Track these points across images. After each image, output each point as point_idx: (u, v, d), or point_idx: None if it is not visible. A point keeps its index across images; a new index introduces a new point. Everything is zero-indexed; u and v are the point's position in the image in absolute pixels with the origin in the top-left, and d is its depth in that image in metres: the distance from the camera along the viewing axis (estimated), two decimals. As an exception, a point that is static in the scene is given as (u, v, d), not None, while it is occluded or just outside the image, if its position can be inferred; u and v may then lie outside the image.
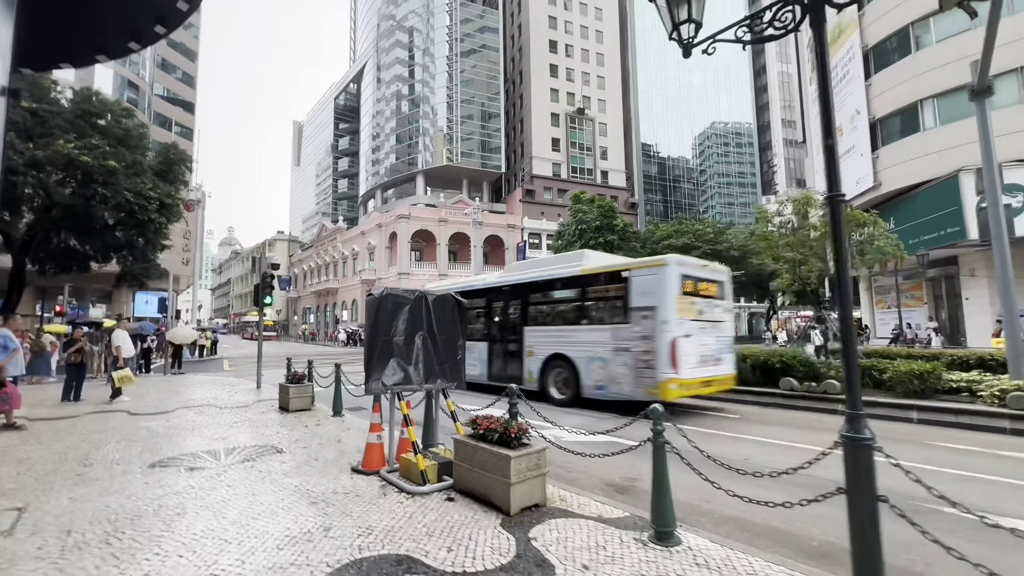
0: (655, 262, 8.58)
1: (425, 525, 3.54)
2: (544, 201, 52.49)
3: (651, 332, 8.13)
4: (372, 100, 68.60)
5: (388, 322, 5.01)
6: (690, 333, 8.23)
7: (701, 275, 8.91)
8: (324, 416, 8.00)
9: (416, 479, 4.49)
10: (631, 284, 8.65)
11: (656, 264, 8.50)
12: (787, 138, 71.52)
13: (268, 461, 5.28)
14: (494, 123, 58.68)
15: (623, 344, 8.56)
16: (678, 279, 8.31)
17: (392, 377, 4.92)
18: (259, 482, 4.55)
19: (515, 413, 4.52)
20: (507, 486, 3.75)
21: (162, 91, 47.55)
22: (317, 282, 59.50)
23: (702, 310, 8.66)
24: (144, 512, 3.78)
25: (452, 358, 5.44)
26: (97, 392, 10.68)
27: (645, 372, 8.14)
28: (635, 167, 62.09)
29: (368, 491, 4.31)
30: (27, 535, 3.37)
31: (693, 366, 8.19)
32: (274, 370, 15.47)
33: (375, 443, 4.96)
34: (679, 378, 7.88)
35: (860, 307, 27.56)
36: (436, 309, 5.38)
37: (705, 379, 8.44)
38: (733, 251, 36.78)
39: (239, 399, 9.99)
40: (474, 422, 4.33)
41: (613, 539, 3.31)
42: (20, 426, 6.96)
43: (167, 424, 7.41)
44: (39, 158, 17.04)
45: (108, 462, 5.26)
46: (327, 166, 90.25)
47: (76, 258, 21.04)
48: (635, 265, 8.90)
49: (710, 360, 8.62)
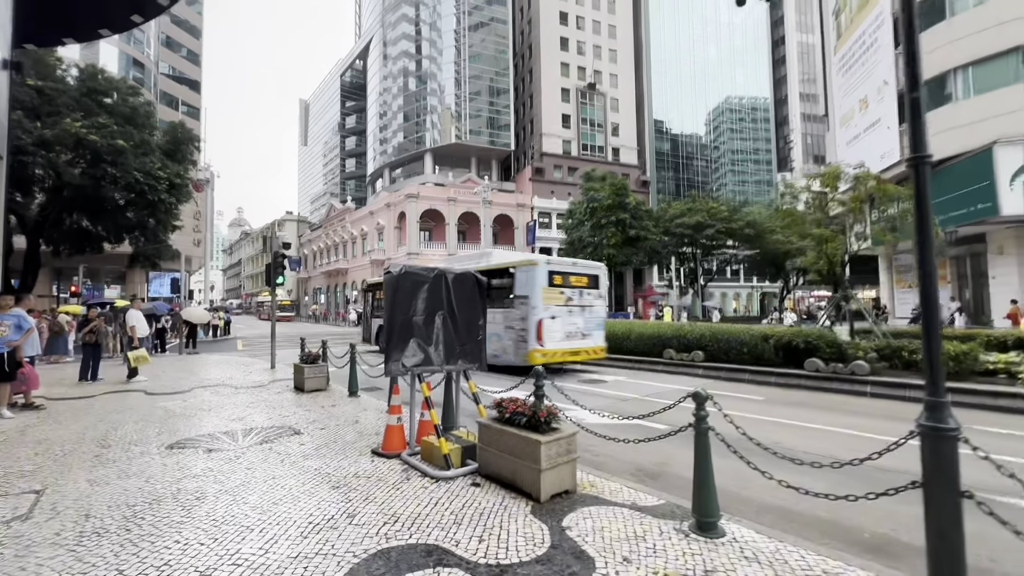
0: (530, 261, 10.86)
1: (452, 512, 3.39)
2: (554, 180, 51.63)
3: (526, 314, 10.44)
4: (379, 77, 67.39)
5: (407, 301, 4.81)
6: (556, 315, 10.56)
7: (569, 271, 11.22)
8: (340, 396, 7.92)
9: (439, 463, 4.35)
10: (516, 278, 10.88)
11: (530, 263, 10.81)
12: (805, 113, 69.34)
13: (286, 443, 5.17)
14: (503, 99, 57.44)
15: (510, 323, 10.85)
16: (546, 275, 10.61)
17: (412, 358, 4.75)
18: (278, 465, 4.44)
19: (541, 396, 4.33)
20: (537, 472, 3.58)
21: (167, 70, 46.97)
22: (327, 263, 59.61)
23: (570, 297, 10.93)
24: (163, 496, 3.68)
25: (473, 338, 5.25)
26: (114, 372, 10.72)
27: (521, 344, 10.47)
28: (647, 144, 60.71)
29: (390, 475, 4.18)
30: (45, 519, 3.27)
31: (558, 340, 10.55)
32: (287, 350, 15.50)
33: (395, 425, 4.82)
34: (543, 349, 10.24)
35: (879, 286, 26.98)
36: (456, 288, 5.16)
37: (572, 350, 10.79)
38: (748, 229, 36.01)
39: (254, 379, 9.96)
40: (499, 405, 4.15)
41: (652, 529, 3.13)
42: (39, 406, 6.95)
43: (184, 404, 7.37)
44: (47, 137, 16.90)
45: (126, 443, 5.19)
46: (334, 145, 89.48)
47: (89, 239, 21.09)
48: (519, 263, 11.12)
49: (576, 336, 10.93)
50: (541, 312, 10.36)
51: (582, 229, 35.24)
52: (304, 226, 76.58)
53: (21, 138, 16.40)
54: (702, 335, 10.81)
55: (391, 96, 62.95)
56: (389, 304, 4.76)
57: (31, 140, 16.58)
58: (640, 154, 58.82)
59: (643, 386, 9.29)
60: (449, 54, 56.31)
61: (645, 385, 9.40)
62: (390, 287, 4.75)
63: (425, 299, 4.93)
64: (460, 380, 5.42)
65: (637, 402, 7.83)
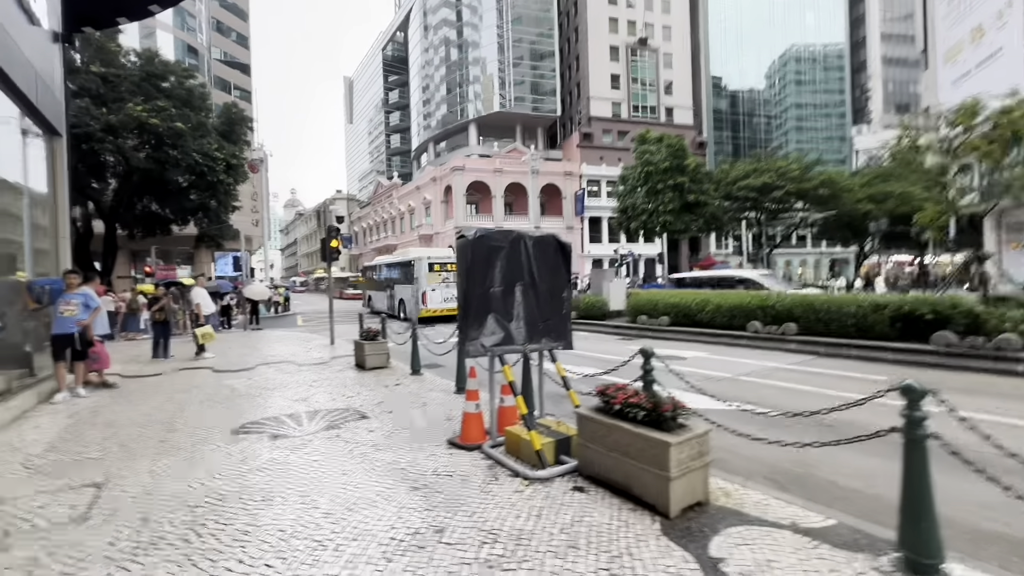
0: (418, 257, 17.94)
1: (561, 528, 2.73)
2: (603, 145, 49.24)
3: (419, 289, 17.42)
4: (420, 49, 66.33)
5: (483, 271, 4.11)
6: (436, 287, 17.42)
7: (444, 261, 17.73)
8: (403, 375, 7.50)
9: (529, 459, 3.70)
10: (413, 266, 18.00)
11: (418, 258, 17.89)
12: (887, 56, 61.82)
13: (354, 429, 4.72)
14: (547, 63, 54.97)
15: (414, 292, 17.81)
16: (427, 265, 17.51)
17: (491, 337, 4.07)
18: (348, 457, 3.95)
19: (652, 381, 3.55)
20: (665, 481, 2.83)
21: (220, 55, 48.10)
22: (376, 239, 60.70)
23: (445, 277, 17.48)
24: (227, 495, 3.25)
25: (557, 312, 4.50)
26: (184, 348, 10.92)
27: (418, 304, 17.35)
28: (703, 102, 56.53)
29: (475, 473, 3.57)
30: (101, 522, 2.90)
31: (437, 303, 17.31)
32: (344, 325, 15.52)
33: (473, 413, 4.21)
34: (427, 308, 17.06)
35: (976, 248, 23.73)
36: (537, 253, 4.40)
37: (446, 310, 16.88)
38: (823, 189, 32.75)
39: (315, 355, 9.80)
40: (604, 393, 3.41)
41: (842, 569, 2.31)
42: (112, 384, 6.96)
43: (248, 383, 7.19)
44: (113, 122, 17.39)
45: (191, 426, 4.92)
46: (379, 122, 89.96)
47: (158, 221, 22.03)
48: (414, 258, 18.19)
49: (452, 299, 16.52)
50: (425, 286, 17.46)
51: (635, 195, 33.37)
52: (354, 204, 78.27)
53: (90, 124, 16.95)
54: (794, 305, 9.55)
55: (433, 67, 61.87)
56: (463, 275, 4.09)
57: (99, 126, 17.11)
58: (696, 113, 54.92)
59: (731, 363, 8.29)
60: (491, 18, 54.21)
61: (733, 362, 8.39)
62: (464, 255, 4.06)
63: (503, 267, 4.21)
64: (539, 360, 4.72)
65: (731, 382, 6.89)
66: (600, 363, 8.27)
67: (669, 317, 12.20)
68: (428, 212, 47.62)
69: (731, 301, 10.84)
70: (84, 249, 20.59)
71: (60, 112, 7.43)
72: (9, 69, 5.31)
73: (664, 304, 12.47)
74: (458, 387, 6.28)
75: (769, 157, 36.97)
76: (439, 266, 17.58)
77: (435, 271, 17.50)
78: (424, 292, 17.20)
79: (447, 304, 17.02)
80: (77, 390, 6.35)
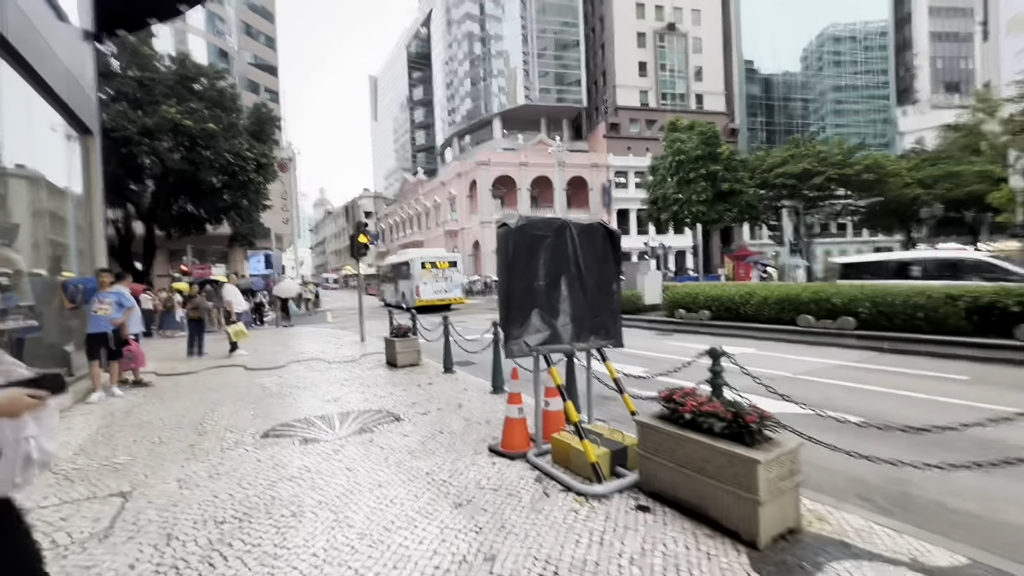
0: (413, 257, 21.27)
1: (631, 558, 2.34)
2: (630, 135, 48.06)
3: (413, 283, 20.50)
4: (443, 44, 66.20)
5: (525, 262, 3.73)
6: (427, 282, 20.49)
7: (435, 260, 21.16)
8: (435, 373, 7.22)
9: (581, 470, 3.32)
10: (409, 265, 21.10)
11: (412, 258, 21.18)
12: (936, 31, 58.06)
13: (387, 433, 4.44)
14: (572, 53, 53.94)
15: (410, 286, 20.77)
16: (420, 262, 20.70)
17: (536, 335, 3.70)
18: (383, 465, 3.66)
19: (722, 384, 3.11)
20: (753, 506, 2.40)
21: (250, 57, 49.12)
22: (403, 236, 61.18)
23: (436, 272, 20.78)
24: (255, 508, 2.99)
25: (607, 307, 4.09)
26: (218, 346, 10.98)
27: (414, 296, 20.23)
28: (736, 87, 54.41)
29: (522, 487, 3.22)
30: (124, 539, 2.68)
31: (429, 294, 20.32)
32: (374, 321, 15.44)
33: (516, 418, 3.85)
34: (421, 298, 19.94)
35: None
36: (583, 243, 3.99)
37: (441, 300, 20.56)
38: (867, 174, 30.94)
39: (346, 352, 9.66)
40: (670, 399, 2.99)
41: (998, 625, 1.85)
42: (147, 383, 6.93)
43: (279, 381, 7.05)
44: (149, 125, 17.76)
45: (221, 429, 4.75)
46: (404, 120, 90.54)
47: (193, 221, 22.54)
48: (409, 259, 21.47)
49: (441, 291, 20.59)
50: (419, 280, 20.59)
51: (665, 186, 32.33)
52: (380, 202, 79.12)
53: (127, 128, 17.35)
54: (853, 297, 8.81)
55: (456, 62, 61.67)
56: (504, 267, 3.72)
57: (136, 129, 17.49)
58: (728, 99, 52.97)
59: (784, 360, 7.68)
60: (514, 9, 53.53)
61: (787, 359, 7.77)
62: (504, 244, 3.69)
63: (547, 259, 3.82)
64: (587, 360, 4.32)
65: (789, 382, 6.31)
66: (643, 361, 7.81)
67: (710, 311, 11.56)
68: (454, 207, 47.56)
69: (779, 293, 10.15)
70: (126, 250, 21.27)
71: (92, 110, 7.42)
72: (38, 65, 5.23)
73: (704, 297, 11.84)
74: (494, 387, 5.95)
75: (808, 142, 35.15)
76: (429, 264, 21.00)
77: (426, 268, 20.85)
78: (418, 286, 20.45)
79: (437, 295, 20.60)
80: (112, 389, 6.31)
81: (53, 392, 1.39)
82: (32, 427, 1.36)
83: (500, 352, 5.81)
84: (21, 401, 1.30)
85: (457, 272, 21.70)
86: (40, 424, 1.41)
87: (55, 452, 1.48)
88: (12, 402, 1.30)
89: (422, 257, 21.25)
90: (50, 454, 1.44)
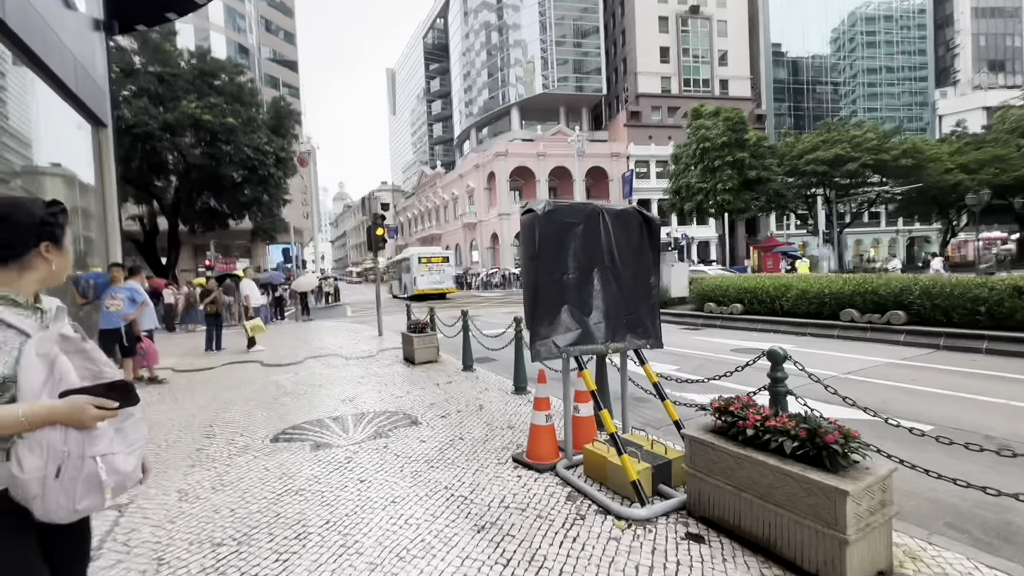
0: (411, 254, 26.14)
1: (687, 607, 1.95)
2: (652, 123, 46.82)
3: (412, 276, 25.01)
4: (460, 35, 65.59)
5: (553, 252, 3.34)
6: (423, 274, 24.83)
7: (431, 255, 25.75)
8: (454, 371, 6.91)
9: (619, 488, 2.94)
10: (409, 260, 25.85)
11: (411, 255, 26.09)
12: (979, 7, 54.79)
13: (403, 438, 4.12)
14: (591, 40, 52.76)
15: (410, 278, 25.28)
16: (417, 258, 25.24)
17: (566, 335, 3.31)
18: (397, 477, 3.34)
19: (785, 392, 2.69)
20: (838, 545, 1.98)
21: (269, 53, 49.45)
22: (421, 229, 61.26)
23: (431, 267, 25.05)
24: (256, 528, 2.70)
25: (643, 302, 3.66)
26: (237, 341, 10.92)
27: (413, 286, 24.88)
28: (762, 71, 52.50)
29: (553, 506, 2.85)
30: (111, 563, 2.41)
31: (425, 285, 24.61)
32: (393, 315, 15.27)
33: (544, 426, 3.48)
34: (418, 288, 24.41)
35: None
36: (618, 230, 3.57)
37: (435, 290, 24.75)
38: (905, 159, 29.40)
39: (363, 348, 9.45)
40: (725, 410, 2.58)
41: None
42: (162, 380, 6.80)
43: (295, 378, 6.83)
44: (170, 121, 17.83)
45: (231, 432, 4.51)
46: (421, 112, 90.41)
47: (216, 216, 22.73)
48: (410, 254, 26.29)
49: (435, 282, 24.86)
50: (416, 273, 24.62)
51: (689, 175, 31.35)
52: (399, 195, 79.40)
53: (149, 123, 17.44)
54: (904, 289, 8.15)
55: (474, 53, 61.06)
56: (529, 257, 3.33)
57: (157, 125, 17.58)
58: (753, 84, 51.20)
59: (828, 358, 7.11)
60: (531, -4, 52.49)
61: (831, 357, 7.20)
62: (529, 232, 3.29)
63: (578, 248, 3.42)
64: (622, 361, 3.91)
65: (838, 382, 5.76)
66: (674, 359, 7.36)
67: (742, 304, 10.97)
68: (471, 200, 47.27)
69: (819, 286, 9.51)
70: (151, 245, 21.60)
71: (104, 101, 7.28)
72: (42, 52, 5.03)
73: (736, 289, 11.24)
74: (516, 387, 5.60)
75: (841, 126, 33.58)
76: (425, 259, 25.44)
77: (423, 263, 25.18)
78: (415, 278, 24.92)
79: (432, 286, 24.94)
80: (127, 387, 6.17)
81: (124, 403, 1.18)
82: (104, 443, 1.16)
83: (523, 350, 5.44)
84: (86, 412, 1.11)
85: (449, 267, 26.04)
86: (121, 439, 1.22)
87: (134, 472, 1.26)
88: (75, 412, 1.10)
89: (419, 254, 25.72)
90: (128, 475, 1.23)
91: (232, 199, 21.54)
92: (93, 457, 1.13)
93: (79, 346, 1.24)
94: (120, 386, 1.18)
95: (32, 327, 1.17)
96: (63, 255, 1.27)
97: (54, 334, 1.18)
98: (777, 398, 2.75)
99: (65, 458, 1.09)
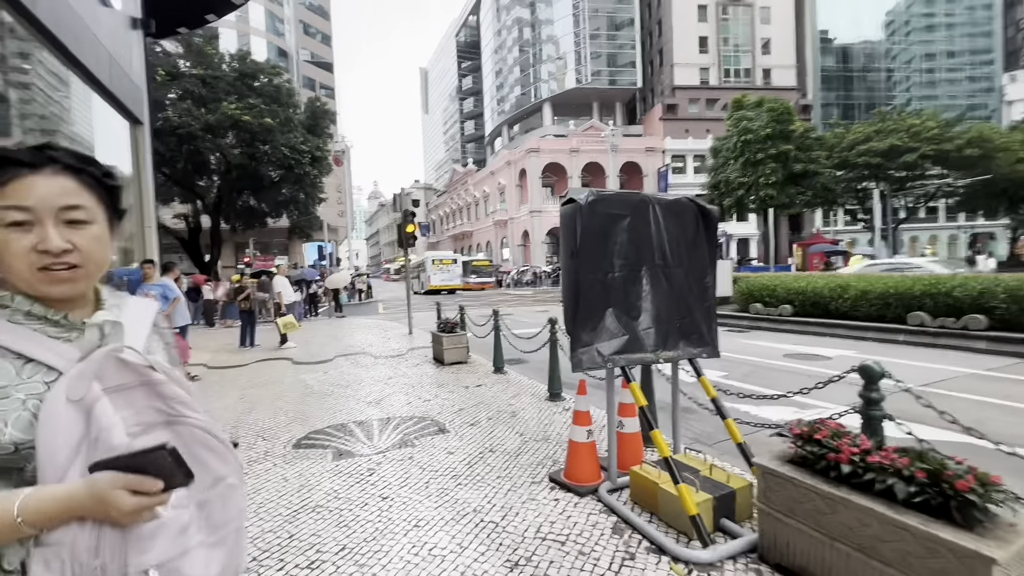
0: (427, 256, 32.55)
1: None
2: (689, 116, 45.22)
3: (427, 274, 30.61)
4: (492, 32, 65.41)
5: (597, 248, 2.95)
6: (436, 273, 30.37)
7: (441, 258, 31.69)
8: (484, 373, 6.61)
9: (674, 521, 2.54)
10: (425, 263, 31.52)
11: (427, 257, 32.13)
12: (1056, -19, 50.13)
13: (430, 448, 3.83)
14: (626, 33, 51.48)
15: (424, 276, 31.08)
16: (431, 260, 31.09)
17: (611, 342, 2.92)
18: (423, 495, 3.04)
19: (880, 416, 2.23)
20: (979, 627, 1.54)
21: (307, 55, 50.65)
22: (453, 226, 61.56)
23: (442, 267, 30.70)
24: (267, 552, 2.45)
25: (699, 306, 3.23)
26: (271, 337, 11.01)
27: (428, 282, 30.19)
28: (808, 59, 49.82)
29: (596, 540, 2.48)
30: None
31: (437, 281, 29.96)
32: (423, 312, 15.18)
33: (584, 443, 3.10)
34: (432, 284, 29.79)
35: None
36: (670, 223, 3.15)
37: (447, 286, 29.82)
38: (970, 149, 27.15)
39: (393, 346, 9.29)
40: (811, 437, 2.13)
41: None
42: (195, 376, 6.79)
43: (323, 378, 6.70)
44: (211, 122, 18.35)
45: (254, 435, 4.35)
46: (453, 111, 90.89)
47: (255, 215, 23.38)
48: (425, 258, 31.96)
49: (446, 280, 30.17)
50: (429, 271, 30.19)
51: (729, 169, 29.97)
52: (431, 193, 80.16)
53: (191, 125, 17.99)
54: (985, 290, 7.29)
55: (506, 50, 60.76)
56: (569, 253, 2.95)
57: (200, 126, 18.13)
58: (799, 73, 48.66)
59: (901, 368, 6.33)
60: (565, -12, 51.66)
61: (901, 366, 6.45)
62: (571, 225, 2.91)
63: (624, 244, 3.02)
64: (674, 372, 3.48)
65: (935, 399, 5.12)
66: (720, 365, 6.79)
67: (792, 305, 10.20)
68: (503, 197, 47.03)
69: (883, 286, 8.68)
70: (195, 242, 22.39)
71: (140, 99, 7.34)
72: (74, 47, 5.01)
73: (785, 289, 10.47)
74: (551, 393, 5.23)
75: (897, 115, 31.37)
76: (437, 261, 30.88)
77: (435, 264, 30.61)
78: (429, 276, 30.16)
79: (443, 282, 29.80)
80: (159, 383, 6.18)
81: (168, 482, 0.70)
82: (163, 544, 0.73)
83: (558, 353, 5.07)
84: (115, 501, 0.67)
85: (457, 267, 30.96)
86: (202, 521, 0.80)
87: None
88: (98, 503, 0.68)
89: (432, 257, 31.59)
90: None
91: (270, 197, 22.07)
92: (144, 572, 0.71)
93: (144, 376, 0.79)
94: (158, 454, 0.69)
95: (67, 355, 0.77)
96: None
97: (96, 363, 0.76)
98: (872, 423, 2.28)
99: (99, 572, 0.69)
